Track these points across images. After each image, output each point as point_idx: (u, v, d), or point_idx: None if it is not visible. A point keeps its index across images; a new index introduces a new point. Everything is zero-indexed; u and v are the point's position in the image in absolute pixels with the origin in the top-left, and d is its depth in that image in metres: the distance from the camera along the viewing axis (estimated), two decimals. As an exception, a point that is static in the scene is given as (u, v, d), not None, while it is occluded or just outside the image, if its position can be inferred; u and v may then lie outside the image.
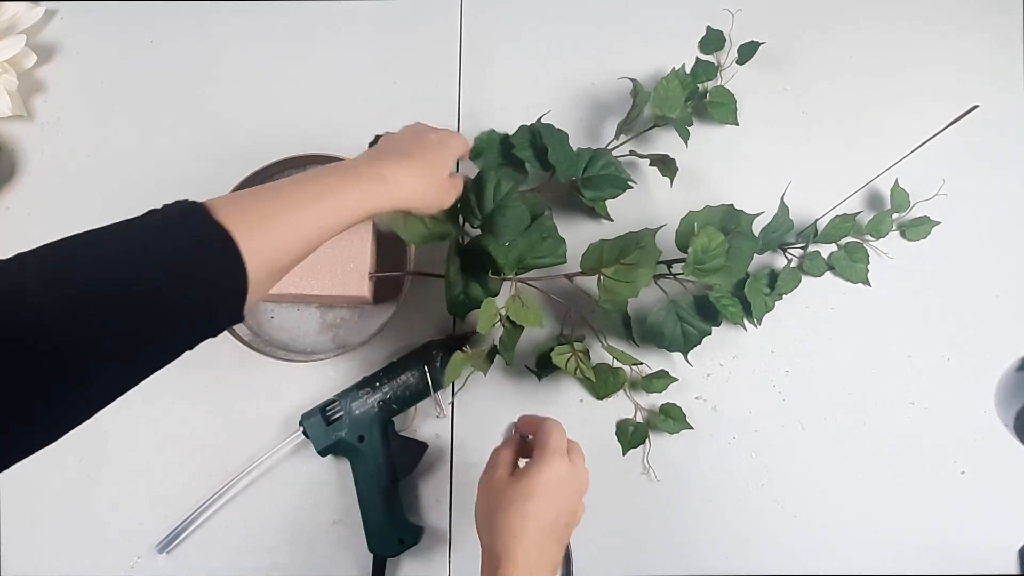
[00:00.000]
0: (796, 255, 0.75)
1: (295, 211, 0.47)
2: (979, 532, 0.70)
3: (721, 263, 0.66)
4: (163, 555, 0.69)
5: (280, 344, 0.73)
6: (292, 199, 0.48)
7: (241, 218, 0.44)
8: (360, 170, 0.53)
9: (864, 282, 0.74)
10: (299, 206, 0.48)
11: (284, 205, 0.47)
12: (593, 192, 0.72)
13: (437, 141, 0.60)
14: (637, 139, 0.77)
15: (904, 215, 0.75)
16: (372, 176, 0.53)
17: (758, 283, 0.71)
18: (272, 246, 0.45)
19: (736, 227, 0.70)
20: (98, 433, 0.72)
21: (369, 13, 0.84)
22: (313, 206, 0.48)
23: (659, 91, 0.74)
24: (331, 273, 0.69)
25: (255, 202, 0.46)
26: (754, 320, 0.72)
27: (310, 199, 0.48)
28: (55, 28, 0.84)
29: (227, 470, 0.70)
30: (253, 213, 0.45)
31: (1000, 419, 0.55)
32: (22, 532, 0.70)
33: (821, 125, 0.79)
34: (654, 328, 0.69)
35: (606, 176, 0.72)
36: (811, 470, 0.71)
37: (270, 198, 0.47)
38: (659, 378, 0.71)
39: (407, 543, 0.67)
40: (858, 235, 0.75)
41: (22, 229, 0.78)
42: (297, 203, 0.48)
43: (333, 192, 0.50)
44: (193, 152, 0.80)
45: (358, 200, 0.51)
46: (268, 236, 0.45)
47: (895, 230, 0.75)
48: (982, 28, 0.82)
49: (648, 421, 0.71)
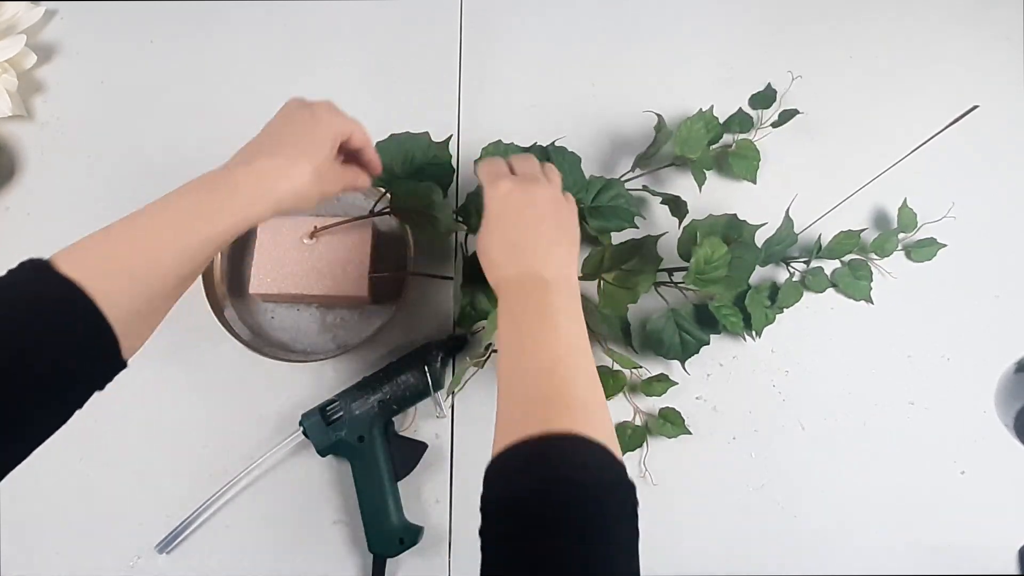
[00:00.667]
0: (799, 269, 0.74)
1: (150, 245, 0.45)
2: (979, 532, 0.69)
3: (723, 274, 0.66)
4: (163, 555, 0.69)
5: (280, 344, 0.73)
6: (143, 234, 0.45)
7: (89, 265, 0.42)
8: (224, 181, 0.49)
9: (867, 300, 0.74)
10: (154, 239, 0.45)
11: (137, 242, 0.45)
12: (599, 222, 0.70)
13: (310, 118, 0.54)
14: (651, 175, 0.76)
15: (910, 236, 0.75)
16: (239, 186, 0.49)
17: (759, 295, 0.71)
18: (134, 286, 0.43)
19: (738, 237, 0.69)
20: (98, 433, 0.72)
21: (369, 13, 0.84)
22: (172, 236, 0.46)
23: (682, 131, 0.72)
24: (331, 273, 0.70)
25: (102, 245, 0.44)
26: (753, 332, 0.72)
27: (169, 227, 0.46)
28: (55, 28, 0.84)
29: (227, 470, 0.70)
30: (102, 257, 0.43)
31: (1000, 419, 0.55)
32: (22, 532, 0.70)
33: (820, 125, 0.79)
34: (653, 335, 0.69)
35: (615, 207, 0.70)
36: (811, 470, 0.71)
37: (119, 238, 0.45)
38: (659, 381, 0.70)
39: (407, 543, 0.67)
40: (862, 253, 0.74)
41: (22, 229, 0.78)
42: (151, 236, 0.45)
43: (192, 215, 0.47)
44: (193, 152, 0.79)
45: (228, 216, 0.48)
46: (125, 277, 0.43)
47: (900, 250, 0.75)
48: (982, 28, 0.82)
49: (647, 424, 0.71)
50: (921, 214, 0.75)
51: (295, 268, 0.70)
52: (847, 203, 0.74)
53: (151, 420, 0.72)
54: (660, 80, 0.81)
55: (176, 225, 0.46)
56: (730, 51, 0.82)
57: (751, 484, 0.71)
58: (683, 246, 0.69)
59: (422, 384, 0.68)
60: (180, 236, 0.46)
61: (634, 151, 0.77)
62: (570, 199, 0.59)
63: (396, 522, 0.67)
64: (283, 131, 0.53)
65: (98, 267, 0.42)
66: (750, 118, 0.77)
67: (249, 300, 0.74)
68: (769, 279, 0.74)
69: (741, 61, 0.82)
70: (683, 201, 0.71)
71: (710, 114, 0.74)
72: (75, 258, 0.42)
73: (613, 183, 0.72)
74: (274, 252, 0.70)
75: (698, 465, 0.71)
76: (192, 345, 0.73)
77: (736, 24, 0.83)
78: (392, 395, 0.68)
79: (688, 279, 0.66)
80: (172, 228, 0.46)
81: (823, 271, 0.74)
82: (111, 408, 0.73)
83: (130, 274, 0.44)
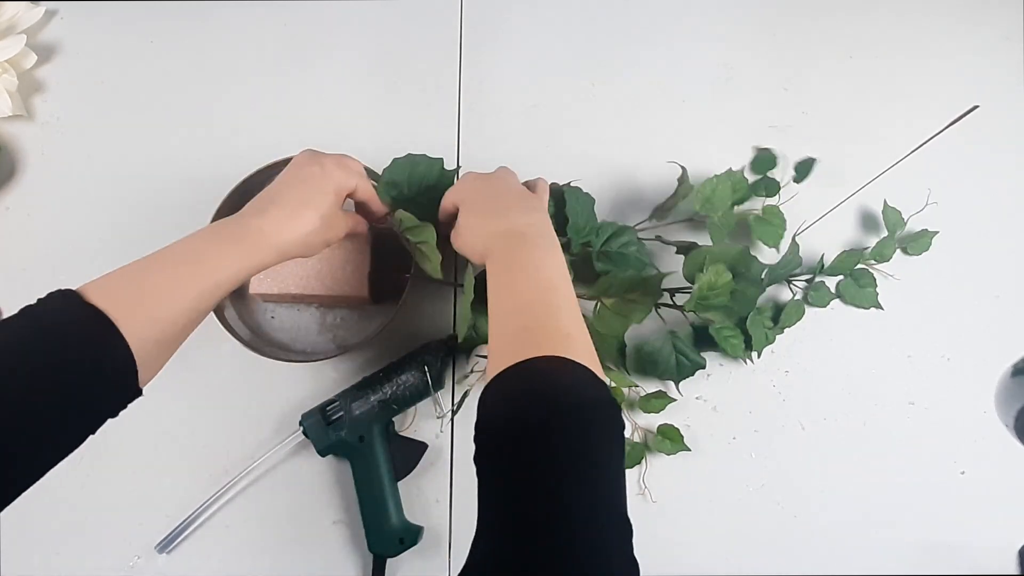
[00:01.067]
0: (800, 287, 0.74)
1: (170, 283, 0.48)
2: (979, 532, 0.69)
3: (724, 302, 0.66)
4: (163, 555, 0.69)
5: (280, 344, 0.73)
6: (165, 272, 0.49)
7: (118, 297, 0.45)
8: (237, 230, 0.54)
9: (876, 306, 0.73)
10: (174, 277, 0.49)
11: (159, 279, 0.48)
12: (606, 266, 0.68)
13: (319, 172, 0.59)
14: (665, 226, 0.75)
15: (903, 232, 0.74)
16: (248, 234, 0.53)
17: (761, 316, 0.70)
18: (153, 320, 0.46)
19: (746, 271, 0.68)
20: (98, 433, 0.72)
21: (369, 14, 0.84)
22: (189, 276, 0.49)
23: (705, 188, 0.70)
24: (331, 273, 0.69)
25: (128, 280, 0.47)
26: (753, 353, 0.71)
27: (185, 269, 0.50)
28: (55, 28, 0.84)
29: (227, 470, 0.70)
30: (128, 291, 0.46)
31: (1000, 419, 0.55)
32: (22, 532, 0.70)
33: (820, 125, 0.79)
34: (649, 356, 0.69)
35: (625, 255, 0.69)
36: (811, 470, 0.71)
37: (144, 274, 0.48)
38: (657, 399, 0.70)
39: (407, 543, 0.67)
40: (863, 263, 0.74)
41: (22, 229, 0.78)
42: (172, 275, 0.49)
43: (207, 258, 0.51)
44: (192, 152, 0.80)
45: (236, 262, 0.52)
46: (147, 311, 0.46)
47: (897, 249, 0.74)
48: (982, 28, 0.82)
49: (645, 441, 0.71)
50: (920, 214, 0.75)
51: (295, 268, 0.70)
52: (846, 203, 0.74)
53: (151, 420, 0.72)
54: (660, 82, 0.81)
55: (192, 267, 0.50)
56: (730, 51, 0.82)
57: (751, 484, 0.71)
58: (689, 269, 0.68)
59: (422, 384, 0.68)
60: (196, 278, 0.50)
61: (653, 200, 0.76)
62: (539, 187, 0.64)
63: (396, 522, 0.67)
64: (293, 183, 0.58)
65: (125, 299, 0.45)
66: (776, 183, 0.75)
67: (249, 300, 0.74)
68: (771, 300, 0.74)
69: (741, 61, 0.82)
70: (699, 248, 0.69)
71: (740, 175, 0.72)
72: (104, 290, 0.45)
73: (625, 230, 0.70)
74: (274, 252, 0.70)
75: (698, 465, 0.71)
76: (192, 345, 0.72)
77: (736, 24, 0.83)
78: (392, 395, 0.68)
79: (689, 304, 0.66)
80: (189, 270, 0.50)
81: (825, 285, 0.73)
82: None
83: (152, 308, 0.47)
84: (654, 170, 0.77)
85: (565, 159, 0.77)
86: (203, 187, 0.76)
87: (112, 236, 0.77)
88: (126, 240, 0.77)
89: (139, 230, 0.77)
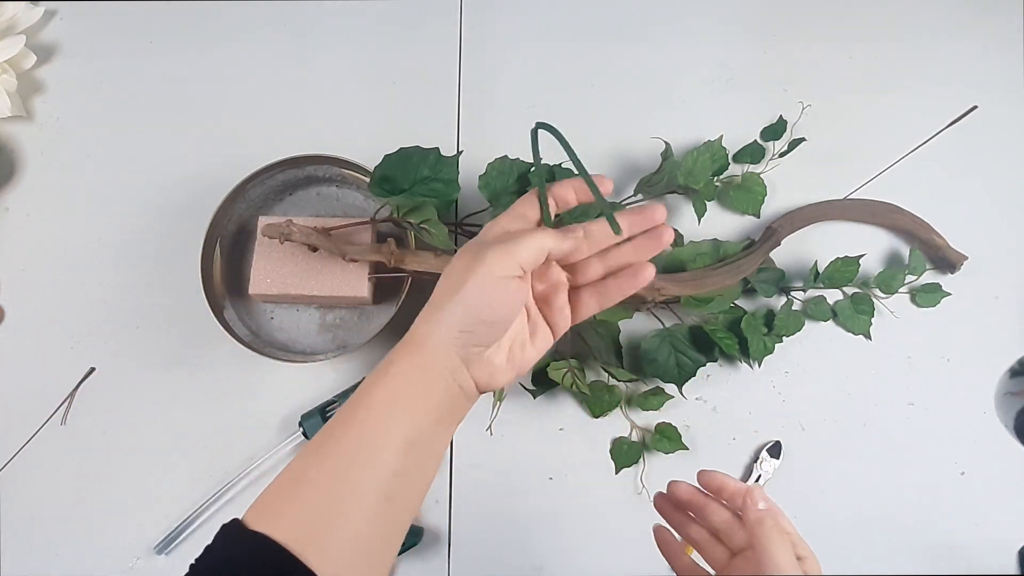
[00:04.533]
0: (798, 298, 0.73)
1: (346, 476, 0.38)
2: (979, 532, 0.70)
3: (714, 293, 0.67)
4: (162, 556, 0.69)
5: (280, 344, 0.73)
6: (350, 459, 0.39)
7: (298, 527, 0.37)
8: (429, 360, 0.43)
9: (865, 335, 0.73)
10: (346, 465, 0.39)
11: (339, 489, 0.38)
12: None
13: (502, 242, 0.44)
14: (653, 201, 0.75)
15: (916, 280, 0.73)
16: (443, 359, 0.43)
17: (755, 320, 0.70)
18: (339, 547, 0.37)
19: (722, 258, 0.70)
20: (98, 434, 0.72)
21: (369, 14, 0.84)
22: (359, 458, 0.39)
23: (688, 161, 0.71)
24: (331, 273, 0.69)
25: (306, 503, 0.38)
26: (751, 360, 0.71)
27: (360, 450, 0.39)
28: (55, 28, 0.84)
29: (227, 470, 0.70)
30: (305, 516, 0.37)
31: (1000, 420, 0.55)
32: (22, 532, 0.70)
33: (820, 124, 0.79)
34: (647, 355, 0.69)
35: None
36: (811, 470, 0.71)
37: (326, 493, 0.38)
38: (654, 395, 0.70)
39: (407, 543, 0.66)
40: (865, 287, 0.73)
41: (22, 229, 0.78)
42: (345, 462, 0.39)
43: (402, 411, 0.40)
44: (192, 152, 0.80)
45: (436, 407, 0.41)
46: (332, 539, 0.37)
47: (905, 291, 0.74)
48: (982, 29, 0.82)
49: (643, 440, 0.71)
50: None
51: (295, 268, 0.70)
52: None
53: (151, 420, 0.72)
54: (660, 82, 0.81)
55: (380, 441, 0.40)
56: (729, 52, 0.82)
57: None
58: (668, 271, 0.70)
59: (422, 384, 0.68)
60: (387, 448, 0.40)
61: (639, 173, 0.76)
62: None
63: (396, 522, 0.66)
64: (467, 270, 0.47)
65: (305, 527, 0.37)
66: (763, 149, 0.75)
67: (249, 300, 0.74)
68: (764, 306, 0.74)
69: (741, 62, 0.81)
70: (680, 235, 0.72)
71: (718, 144, 0.73)
72: (287, 525, 0.37)
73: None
74: (274, 253, 0.70)
75: (697, 465, 0.70)
76: (192, 345, 0.73)
77: (735, 25, 0.83)
78: (392, 395, 0.68)
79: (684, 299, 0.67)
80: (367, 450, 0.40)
81: (825, 300, 0.73)
82: (111, 408, 0.73)
83: (339, 532, 0.38)
84: (640, 144, 0.78)
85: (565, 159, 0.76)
86: (203, 187, 0.76)
87: (112, 236, 0.77)
88: (126, 240, 0.77)
89: (138, 230, 0.77)
